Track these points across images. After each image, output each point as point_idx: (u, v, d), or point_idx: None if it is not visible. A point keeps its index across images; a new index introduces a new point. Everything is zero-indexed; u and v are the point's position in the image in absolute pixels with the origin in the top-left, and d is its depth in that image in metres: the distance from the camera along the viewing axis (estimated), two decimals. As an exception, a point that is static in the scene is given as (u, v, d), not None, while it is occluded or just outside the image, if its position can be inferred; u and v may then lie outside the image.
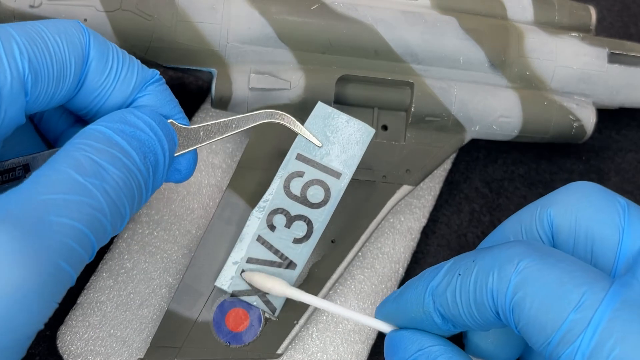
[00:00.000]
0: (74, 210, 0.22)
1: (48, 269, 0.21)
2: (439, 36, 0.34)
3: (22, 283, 0.20)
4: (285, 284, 0.30)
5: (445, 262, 0.27)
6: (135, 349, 0.32)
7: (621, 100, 0.37)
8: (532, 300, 0.23)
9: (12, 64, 0.23)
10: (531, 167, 0.39)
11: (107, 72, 0.26)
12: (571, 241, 0.27)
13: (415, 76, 0.34)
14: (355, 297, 0.34)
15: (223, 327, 0.31)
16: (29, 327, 0.21)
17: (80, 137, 0.24)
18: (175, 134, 0.27)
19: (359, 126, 0.31)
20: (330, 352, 0.33)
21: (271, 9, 0.32)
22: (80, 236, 0.22)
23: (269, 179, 0.32)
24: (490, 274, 0.24)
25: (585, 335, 0.22)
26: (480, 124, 0.34)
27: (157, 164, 0.26)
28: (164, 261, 0.34)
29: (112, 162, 0.24)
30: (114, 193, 0.24)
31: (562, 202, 0.27)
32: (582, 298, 0.22)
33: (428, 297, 0.27)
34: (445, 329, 0.27)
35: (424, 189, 0.36)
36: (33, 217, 0.21)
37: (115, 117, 0.25)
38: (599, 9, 0.41)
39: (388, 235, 0.35)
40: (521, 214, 0.29)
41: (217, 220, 0.32)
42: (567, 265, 0.23)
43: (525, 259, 0.24)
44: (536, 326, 0.23)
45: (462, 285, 0.25)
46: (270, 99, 0.32)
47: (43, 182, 0.22)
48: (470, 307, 0.25)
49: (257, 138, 0.33)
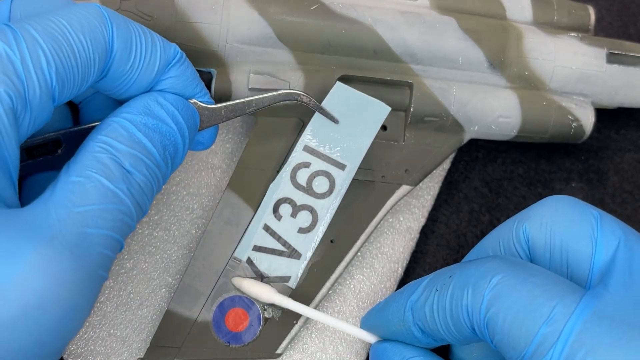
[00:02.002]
0: (108, 219, 0.23)
1: (91, 280, 0.23)
2: (438, 36, 0.34)
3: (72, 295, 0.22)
4: (273, 290, 0.31)
5: (426, 277, 0.28)
6: (135, 349, 0.32)
7: (620, 100, 0.37)
8: (505, 315, 0.23)
9: (40, 77, 0.23)
10: (530, 166, 0.39)
11: (131, 61, 0.26)
12: (547, 255, 0.27)
13: (414, 76, 0.34)
14: (355, 297, 0.34)
15: (223, 327, 0.31)
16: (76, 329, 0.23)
17: (105, 132, 0.25)
18: (197, 116, 0.28)
19: (375, 104, 0.32)
20: (330, 352, 0.33)
21: (270, 9, 0.32)
22: (114, 243, 0.24)
23: (268, 179, 0.32)
24: (465, 290, 0.25)
25: (556, 348, 0.22)
26: (479, 124, 0.34)
27: (176, 154, 0.27)
28: (163, 261, 0.34)
29: (136, 165, 0.25)
30: (138, 195, 0.25)
31: (537, 216, 0.28)
32: (553, 312, 0.22)
33: (408, 311, 0.27)
34: (426, 342, 0.28)
35: (423, 188, 0.37)
36: (74, 232, 0.22)
37: (139, 107, 0.26)
38: (598, 9, 0.41)
39: (387, 235, 0.35)
40: (499, 230, 0.29)
41: (217, 220, 0.32)
42: (540, 279, 0.24)
43: (498, 274, 0.24)
44: (510, 341, 0.23)
45: (439, 300, 0.26)
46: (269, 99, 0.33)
47: (77, 192, 0.23)
48: (447, 322, 0.25)
49: (257, 138, 0.33)
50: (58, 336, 0.22)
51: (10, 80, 0.22)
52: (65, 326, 0.22)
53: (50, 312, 0.21)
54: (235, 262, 0.32)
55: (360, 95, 0.32)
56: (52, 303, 0.21)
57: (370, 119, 0.32)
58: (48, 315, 0.21)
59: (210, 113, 0.29)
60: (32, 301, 0.21)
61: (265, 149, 0.33)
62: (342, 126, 0.31)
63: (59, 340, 0.22)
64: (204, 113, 0.29)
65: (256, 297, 0.31)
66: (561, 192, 0.38)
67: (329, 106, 0.31)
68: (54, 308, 0.21)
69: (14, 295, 0.21)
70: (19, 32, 0.23)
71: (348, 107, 0.31)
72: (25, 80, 0.22)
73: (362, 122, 0.32)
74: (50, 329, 0.22)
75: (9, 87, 0.22)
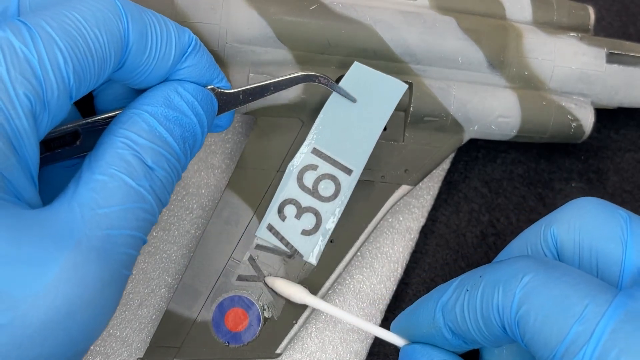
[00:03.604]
0: (132, 219, 0.24)
1: (116, 280, 0.23)
2: (438, 36, 0.34)
3: (99, 298, 0.23)
4: (306, 291, 0.31)
5: (456, 279, 0.28)
6: (134, 349, 0.32)
7: (620, 100, 0.37)
8: (536, 314, 0.23)
9: (58, 77, 0.22)
10: (530, 166, 0.39)
11: (147, 53, 0.26)
12: (576, 258, 0.27)
13: (414, 76, 0.34)
14: (354, 297, 0.34)
15: (222, 327, 0.31)
16: (102, 328, 0.24)
17: (127, 126, 0.25)
18: (216, 103, 0.28)
19: (392, 82, 0.32)
20: (329, 352, 0.33)
21: (270, 9, 0.32)
22: (137, 242, 0.24)
23: (267, 179, 0.32)
24: (496, 289, 0.25)
25: (588, 347, 0.22)
26: (478, 123, 0.34)
27: (195, 144, 0.27)
28: (163, 261, 0.34)
29: (158, 161, 0.25)
30: (160, 191, 0.25)
31: (565, 219, 0.28)
32: (585, 310, 0.22)
33: (438, 313, 0.27)
34: (456, 345, 0.27)
35: (423, 188, 0.37)
36: (99, 235, 0.23)
37: (159, 99, 0.26)
38: (598, 9, 0.41)
39: (387, 235, 0.35)
40: (527, 234, 0.29)
41: (216, 220, 0.32)
42: (571, 278, 0.24)
43: (529, 273, 0.24)
44: (541, 339, 0.23)
45: (470, 300, 0.26)
46: (269, 99, 0.32)
47: (101, 192, 0.23)
48: (478, 322, 0.25)
49: (257, 138, 0.33)
50: (86, 337, 0.23)
51: (29, 82, 0.22)
52: (93, 327, 0.23)
53: (79, 316, 0.22)
54: (234, 262, 0.32)
55: (378, 74, 0.32)
56: (81, 307, 0.22)
57: (387, 97, 0.32)
58: (77, 319, 0.22)
59: (228, 98, 0.29)
60: (62, 306, 0.21)
61: (265, 149, 0.33)
62: (358, 106, 0.32)
63: (87, 341, 0.23)
64: (222, 98, 0.29)
65: (288, 297, 0.31)
66: (561, 192, 0.38)
67: (346, 86, 0.31)
68: (82, 311, 0.22)
69: (45, 301, 0.21)
70: (35, 30, 0.22)
71: (365, 86, 0.32)
72: (43, 81, 0.22)
73: (379, 101, 0.32)
74: (79, 331, 0.22)
75: (27, 90, 0.22)
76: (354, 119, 0.32)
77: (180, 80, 0.27)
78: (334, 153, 0.32)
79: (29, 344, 0.21)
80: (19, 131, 0.22)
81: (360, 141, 0.32)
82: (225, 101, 0.29)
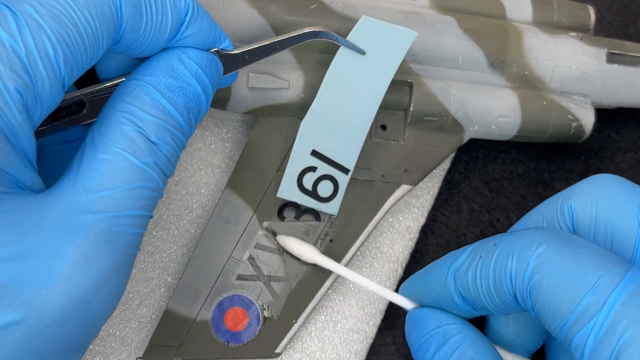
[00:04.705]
0: (138, 198, 0.24)
1: (125, 261, 0.24)
2: (438, 36, 0.34)
3: (111, 281, 0.23)
4: (316, 251, 0.31)
5: (469, 245, 0.28)
6: (134, 348, 0.32)
7: (620, 100, 0.37)
8: (548, 283, 0.23)
9: (48, 69, 0.22)
10: (530, 166, 0.39)
11: (143, 27, 0.25)
12: (591, 232, 0.27)
13: (414, 76, 0.34)
14: (354, 297, 0.34)
15: (222, 326, 0.31)
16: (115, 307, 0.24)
17: (129, 99, 0.24)
18: (221, 68, 0.28)
19: (401, 31, 0.31)
20: (329, 352, 0.33)
21: (270, 8, 0.32)
22: (144, 221, 0.24)
23: (267, 178, 0.32)
24: (509, 257, 0.25)
25: (598, 317, 0.22)
26: (479, 123, 0.34)
27: (199, 113, 0.27)
28: (162, 261, 0.34)
29: (162, 135, 0.24)
30: (164, 166, 0.25)
31: (583, 194, 0.28)
32: (598, 281, 0.22)
33: (450, 278, 0.28)
34: (465, 310, 0.28)
35: (423, 188, 0.36)
36: (107, 219, 0.23)
37: (162, 68, 0.25)
38: (598, 9, 0.41)
39: (387, 235, 0.35)
40: (543, 206, 0.30)
41: (216, 220, 0.32)
42: (586, 250, 0.24)
43: (544, 243, 0.24)
44: (551, 308, 0.23)
45: (483, 267, 0.26)
46: (269, 99, 0.32)
47: (105, 172, 0.23)
48: (490, 289, 0.26)
49: (257, 138, 0.33)
50: (101, 318, 0.24)
51: (19, 76, 0.21)
52: (107, 308, 0.24)
53: (93, 301, 0.22)
54: (234, 261, 0.32)
55: (386, 25, 0.31)
56: (94, 292, 0.22)
57: (395, 47, 0.31)
58: (91, 304, 0.22)
59: (233, 59, 0.28)
60: (76, 295, 0.22)
61: (265, 149, 0.33)
62: (366, 58, 0.31)
63: (102, 321, 0.24)
64: (226, 60, 0.28)
65: (299, 256, 0.32)
66: (561, 192, 0.38)
67: (354, 40, 0.31)
68: (95, 296, 0.22)
69: (59, 292, 0.21)
70: (21, 17, 0.21)
71: (373, 39, 0.31)
72: (33, 75, 0.22)
73: (387, 52, 0.31)
74: (94, 314, 0.23)
75: (18, 84, 0.21)
76: (363, 73, 0.31)
77: (183, 47, 0.26)
78: (331, 153, 0.32)
79: (47, 333, 0.21)
80: (13, 126, 0.21)
81: (368, 97, 0.31)
82: (230, 62, 0.28)
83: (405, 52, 0.31)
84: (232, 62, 0.28)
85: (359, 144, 0.32)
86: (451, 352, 0.27)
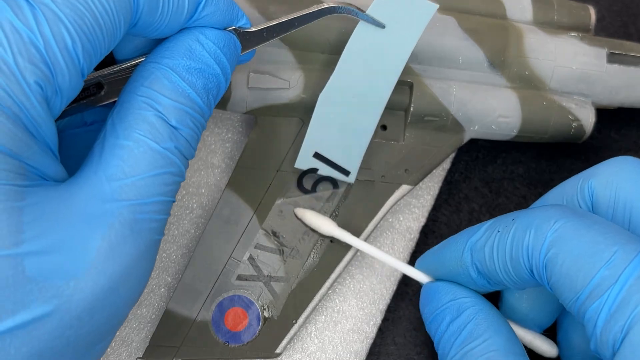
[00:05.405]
0: (160, 184, 0.23)
1: (150, 248, 0.24)
2: (438, 36, 0.34)
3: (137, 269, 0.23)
4: (334, 224, 0.32)
5: (487, 221, 0.28)
6: (134, 348, 0.32)
7: (620, 100, 0.37)
8: (565, 257, 0.24)
9: (67, 60, 0.22)
10: (530, 166, 0.39)
11: (160, 10, 0.24)
12: (610, 212, 0.28)
13: (414, 76, 0.34)
14: (354, 297, 0.34)
15: (222, 327, 0.31)
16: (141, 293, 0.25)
17: (148, 83, 0.24)
18: (239, 45, 0.27)
19: (421, 3, 0.30)
20: (329, 352, 0.33)
21: (270, 8, 0.32)
22: (167, 207, 0.24)
23: (267, 178, 0.32)
24: (527, 231, 0.25)
25: (612, 290, 0.23)
26: (479, 123, 0.34)
27: (218, 94, 0.26)
28: (162, 261, 0.34)
29: (182, 119, 0.24)
30: (186, 150, 0.25)
31: (604, 174, 0.28)
32: (614, 256, 0.23)
33: (466, 252, 0.28)
34: (480, 285, 0.28)
35: (423, 188, 0.36)
36: (130, 207, 0.23)
37: (180, 50, 0.25)
38: (598, 9, 0.41)
39: (387, 235, 0.35)
40: (563, 186, 0.30)
41: (216, 220, 0.32)
42: (602, 227, 0.24)
43: (562, 219, 0.25)
44: (567, 282, 0.24)
45: (500, 241, 0.26)
46: (270, 99, 0.32)
47: (127, 159, 0.23)
48: (506, 263, 0.26)
49: (257, 138, 0.33)
50: (127, 305, 0.24)
51: (38, 69, 0.21)
52: (134, 294, 0.24)
53: (121, 289, 0.23)
54: (234, 261, 0.32)
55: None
56: (121, 280, 0.23)
57: (415, 21, 0.30)
58: (119, 292, 0.23)
59: (251, 37, 0.28)
60: (105, 284, 0.22)
61: (265, 149, 0.33)
62: (385, 32, 0.30)
63: (128, 308, 0.24)
64: (244, 38, 0.28)
65: (317, 229, 0.32)
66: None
67: (373, 13, 0.30)
68: (123, 284, 0.23)
69: (87, 283, 0.22)
70: (38, 8, 0.21)
71: (393, 13, 0.30)
72: (52, 67, 0.21)
73: (407, 25, 0.30)
74: (123, 301, 0.23)
75: (38, 77, 0.21)
76: (382, 47, 0.31)
77: (201, 27, 0.26)
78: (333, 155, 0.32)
79: (78, 323, 0.22)
80: (34, 119, 0.21)
81: (387, 70, 0.31)
82: (248, 40, 0.28)
83: (425, 25, 0.30)
84: (249, 40, 0.28)
85: (378, 115, 0.32)
86: (465, 324, 0.28)
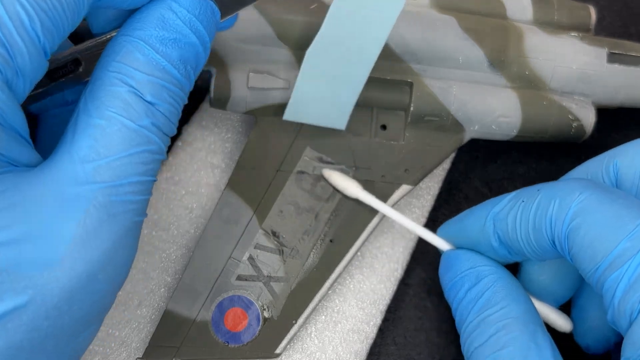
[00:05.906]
0: (138, 164, 0.22)
1: (130, 231, 0.23)
2: (439, 36, 0.34)
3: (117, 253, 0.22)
4: (360, 187, 0.32)
5: (509, 193, 0.29)
6: (133, 349, 0.32)
7: (621, 99, 0.37)
8: (587, 228, 0.24)
9: (25, 39, 0.20)
10: (531, 166, 0.39)
11: None
12: (634, 189, 0.28)
13: (414, 76, 0.34)
14: (354, 297, 0.34)
15: (222, 327, 0.31)
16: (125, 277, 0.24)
17: (119, 58, 0.22)
18: (217, 11, 0.25)
19: None
20: (329, 352, 0.33)
21: (270, 8, 0.32)
22: (147, 186, 0.23)
23: (267, 178, 0.32)
24: (552, 201, 0.26)
25: (633, 261, 0.23)
26: (479, 123, 0.34)
27: (198, 64, 0.25)
28: (162, 261, 0.34)
29: (158, 94, 0.23)
30: (164, 126, 0.23)
31: (629, 153, 0.29)
32: (636, 229, 0.23)
33: (489, 221, 0.28)
34: (501, 254, 0.29)
35: (423, 188, 0.36)
36: (106, 189, 0.22)
37: (152, 20, 0.23)
38: (599, 9, 0.41)
39: (387, 235, 0.35)
40: (589, 163, 0.30)
41: (216, 220, 0.32)
42: (626, 201, 0.25)
43: (587, 191, 0.25)
44: (588, 253, 0.24)
45: (524, 211, 0.27)
46: (270, 98, 0.32)
47: (100, 139, 0.22)
48: (528, 233, 0.27)
49: (256, 138, 0.33)
50: (111, 291, 0.23)
51: None
52: (117, 280, 0.23)
53: (100, 275, 0.22)
54: (234, 262, 0.32)
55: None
56: (100, 266, 0.22)
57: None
58: (99, 278, 0.22)
59: (230, 1, 0.26)
60: (82, 272, 0.21)
61: (265, 149, 0.33)
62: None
63: (113, 292, 0.23)
64: (222, 3, 0.26)
65: (342, 190, 0.32)
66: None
67: None
68: (103, 270, 0.22)
69: (63, 272, 0.21)
70: None
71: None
72: (10, 47, 0.20)
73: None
74: (104, 288, 0.22)
75: None
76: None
77: None
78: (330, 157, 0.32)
79: (57, 313, 0.21)
80: None
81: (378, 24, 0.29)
82: (227, 4, 0.26)
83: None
84: (229, 4, 0.26)
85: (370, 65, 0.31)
86: (483, 291, 0.28)
